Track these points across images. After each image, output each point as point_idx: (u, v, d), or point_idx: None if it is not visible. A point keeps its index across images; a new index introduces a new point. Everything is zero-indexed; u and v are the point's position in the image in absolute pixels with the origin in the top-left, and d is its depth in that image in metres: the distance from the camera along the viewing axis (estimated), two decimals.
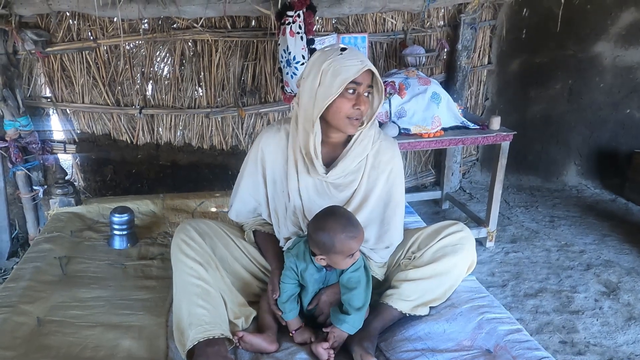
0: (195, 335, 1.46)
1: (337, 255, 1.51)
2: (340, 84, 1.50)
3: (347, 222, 1.51)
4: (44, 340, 1.45)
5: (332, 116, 1.58)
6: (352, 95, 1.55)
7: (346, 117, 1.56)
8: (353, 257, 1.54)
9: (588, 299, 2.64)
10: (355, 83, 1.53)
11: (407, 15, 3.41)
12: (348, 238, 1.49)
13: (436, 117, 2.89)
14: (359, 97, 1.55)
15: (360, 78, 1.53)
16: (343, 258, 1.52)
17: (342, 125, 1.59)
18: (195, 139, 3.33)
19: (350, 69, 1.50)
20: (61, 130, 3.17)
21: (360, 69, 1.50)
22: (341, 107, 1.55)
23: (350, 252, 1.51)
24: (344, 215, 1.54)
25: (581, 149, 3.97)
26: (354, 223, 1.52)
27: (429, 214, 3.69)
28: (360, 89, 1.55)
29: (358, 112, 1.56)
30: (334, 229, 1.49)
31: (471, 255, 1.74)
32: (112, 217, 2.08)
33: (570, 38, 3.69)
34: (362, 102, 1.55)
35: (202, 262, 1.60)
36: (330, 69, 1.52)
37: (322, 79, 1.53)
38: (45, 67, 2.98)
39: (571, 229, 3.42)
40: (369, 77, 1.56)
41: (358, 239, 1.51)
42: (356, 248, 1.52)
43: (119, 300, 1.71)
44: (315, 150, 1.62)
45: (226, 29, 3.07)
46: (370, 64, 1.54)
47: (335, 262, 1.54)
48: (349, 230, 1.49)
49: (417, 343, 1.54)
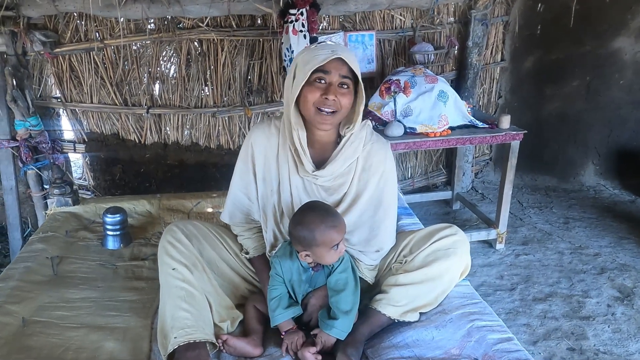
0: (177, 339, 1.44)
1: (320, 247, 1.49)
2: (307, 71, 1.47)
3: (325, 213, 1.50)
4: (27, 341, 1.45)
5: (303, 107, 1.55)
6: (321, 84, 1.51)
7: (315, 107, 1.52)
8: (338, 250, 1.51)
9: (600, 305, 2.54)
10: (323, 72, 1.49)
11: (415, 12, 3.34)
12: (328, 228, 1.47)
13: (443, 115, 2.83)
14: (329, 87, 1.50)
15: (330, 67, 1.49)
16: (327, 250, 1.49)
17: (312, 116, 1.54)
18: (203, 139, 3.34)
19: (318, 57, 1.47)
20: (71, 130, 3.22)
21: (327, 57, 1.46)
22: (308, 96, 1.51)
23: (333, 243, 1.48)
24: (321, 207, 1.53)
25: (599, 148, 3.83)
26: (333, 213, 1.51)
27: (439, 214, 3.61)
28: (332, 79, 1.50)
29: (326, 102, 1.50)
30: (313, 221, 1.47)
31: (465, 260, 1.67)
32: (105, 217, 2.09)
33: (588, 33, 3.56)
34: (331, 91, 1.49)
35: (187, 264, 1.59)
36: (302, 59, 1.52)
37: (296, 71, 1.53)
38: (54, 67, 3.02)
39: (586, 231, 3.30)
40: (342, 68, 1.50)
41: (338, 228, 1.48)
42: (338, 238, 1.49)
43: (106, 301, 1.71)
44: (301, 144, 1.58)
45: (232, 28, 3.06)
46: (343, 54, 1.48)
47: (320, 256, 1.51)
48: (328, 220, 1.47)
49: (404, 350, 1.49)
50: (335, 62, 1.49)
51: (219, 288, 1.67)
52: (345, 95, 1.53)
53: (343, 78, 1.51)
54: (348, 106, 1.55)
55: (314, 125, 1.58)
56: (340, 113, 1.54)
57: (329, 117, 1.53)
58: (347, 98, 1.53)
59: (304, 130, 1.60)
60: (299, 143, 1.59)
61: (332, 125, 1.57)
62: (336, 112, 1.53)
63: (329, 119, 1.53)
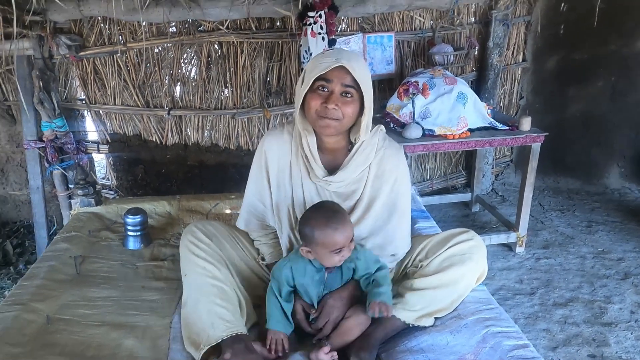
0: (219, 333, 1.48)
1: (319, 247, 1.49)
2: (310, 79, 1.48)
3: (331, 215, 1.49)
4: (51, 338, 1.50)
5: (307, 113, 1.56)
6: (323, 92, 1.51)
7: (317, 114, 1.53)
8: (340, 255, 1.50)
9: (623, 311, 2.49)
10: (325, 80, 1.49)
11: (435, 13, 3.32)
12: (330, 230, 1.46)
13: (462, 117, 2.80)
14: (331, 95, 1.50)
15: (332, 75, 1.48)
16: (326, 252, 1.49)
17: (314, 123, 1.56)
18: (222, 140, 3.38)
19: (322, 65, 1.48)
20: (94, 131, 3.29)
21: (329, 66, 1.46)
22: (311, 103, 1.52)
23: (334, 247, 1.48)
24: (331, 208, 1.53)
25: (625, 151, 3.74)
26: (339, 216, 1.50)
27: (457, 217, 3.59)
28: (334, 87, 1.50)
29: (327, 111, 1.50)
30: (317, 220, 1.49)
31: (481, 265, 1.66)
32: (126, 218, 2.14)
33: (613, 33, 3.48)
34: (331, 100, 1.49)
35: (213, 261, 1.63)
36: (309, 65, 1.53)
37: (304, 77, 1.54)
38: (79, 70, 3.10)
39: (610, 234, 3.24)
40: (345, 77, 1.49)
41: (340, 232, 1.47)
42: (340, 243, 1.47)
43: (127, 301, 1.75)
44: (310, 150, 1.60)
45: (251, 30, 3.09)
46: (347, 62, 1.47)
47: (320, 257, 1.52)
48: (332, 222, 1.47)
49: (419, 355, 1.49)
50: (338, 71, 1.48)
51: (241, 285, 1.70)
52: (348, 105, 1.52)
53: (346, 87, 1.50)
54: (351, 115, 1.54)
55: (315, 129, 1.59)
56: (343, 122, 1.54)
57: (332, 124, 1.53)
58: (350, 107, 1.52)
59: (313, 136, 1.61)
60: (308, 148, 1.61)
61: (335, 132, 1.57)
62: (338, 121, 1.53)
63: (332, 126, 1.53)
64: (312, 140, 1.61)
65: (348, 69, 1.48)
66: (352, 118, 1.56)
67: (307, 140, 1.60)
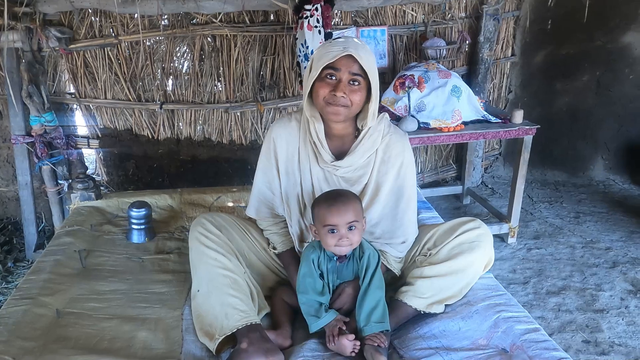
0: (234, 323, 1.48)
1: (317, 224, 1.55)
2: (319, 68, 1.50)
3: (334, 194, 1.57)
4: (63, 331, 1.48)
5: (315, 100, 1.59)
6: (331, 81, 1.53)
7: (325, 102, 1.54)
8: (337, 238, 1.51)
9: (613, 298, 2.56)
10: (333, 68, 1.51)
11: (427, 7, 3.35)
12: (326, 204, 1.52)
13: (456, 110, 2.84)
14: (339, 84, 1.52)
15: (339, 64, 1.50)
16: (323, 230, 1.52)
17: (323, 110, 1.58)
18: (215, 134, 3.35)
19: (330, 54, 1.50)
20: (85, 126, 3.23)
21: (337, 54, 1.48)
22: (319, 91, 1.54)
23: (325, 222, 1.51)
24: (339, 191, 1.60)
25: (609, 143, 3.85)
26: (340, 197, 1.54)
27: (449, 209, 3.64)
28: (342, 76, 1.52)
29: (335, 98, 1.52)
30: (320, 198, 1.57)
31: (489, 253, 1.70)
32: (130, 211, 2.11)
33: (599, 28, 3.58)
34: (339, 88, 1.51)
35: (224, 252, 1.64)
36: (317, 54, 1.55)
37: (312, 66, 1.56)
38: (69, 63, 3.04)
39: (597, 225, 3.33)
40: (353, 65, 1.51)
41: (335, 209, 1.50)
42: (334, 222, 1.50)
43: (136, 294, 1.74)
44: (318, 136, 1.62)
45: (245, 23, 3.08)
46: (355, 51, 1.49)
47: (321, 237, 1.55)
48: (331, 200, 1.53)
49: (432, 341, 1.51)
50: (345, 59, 1.50)
51: (251, 276, 1.70)
52: (356, 92, 1.54)
53: (353, 75, 1.52)
54: (359, 102, 1.56)
55: (323, 116, 1.62)
56: (351, 109, 1.56)
57: (340, 111, 1.54)
58: (357, 95, 1.54)
59: (321, 122, 1.64)
60: (316, 135, 1.63)
61: (343, 119, 1.59)
62: (346, 108, 1.55)
63: (340, 112, 1.55)
64: (319, 126, 1.63)
65: (355, 58, 1.50)
66: (359, 105, 1.58)
67: (315, 127, 1.62)
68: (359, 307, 1.55)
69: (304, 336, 1.60)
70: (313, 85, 1.56)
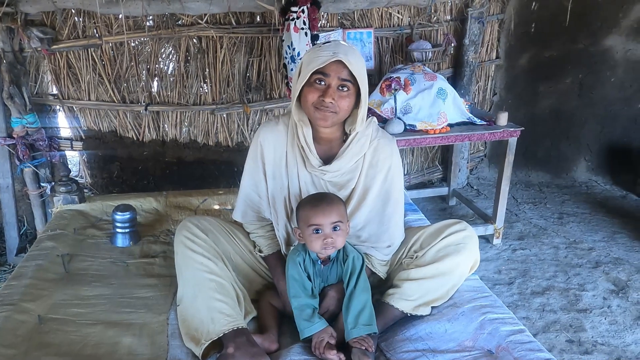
0: (220, 327, 1.47)
1: (301, 224, 1.55)
2: (308, 72, 1.49)
3: (318, 196, 1.57)
4: (45, 338, 1.45)
5: (303, 105, 1.58)
6: (320, 86, 1.52)
7: (313, 107, 1.54)
8: (321, 239, 1.51)
9: (596, 297, 2.60)
10: (323, 74, 1.50)
11: (413, 10, 3.37)
12: (310, 205, 1.53)
13: (442, 113, 2.86)
14: (328, 89, 1.51)
15: (330, 69, 1.49)
16: (307, 230, 1.52)
17: (311, 115, 1.57)
18: (201, 136, 3.33)
19: (319, 59, 1.48)
20: (68, 128, 3.19)
21: (326, 60, 1.47)
22: (308, 97, 1.54)
23: (309, 221, 1.51)
24: (324, 194, 1.60)
25: (592, 145, 3.91)
26: (325, 198, 1.55)
27: (435, 210, 3.66)
28: (330, 81, 1.51)
29: (323, 104, 1.51)
30: (304, 200, 1.58)
31: (474, 255, 1.72)
32: (115, 215, 2.08)
33: (581, 31, 3.63)
34: (328, 94, 1.50)
35: (210, 256, 1.62)
36: (306, 58, 1.54)
37: (301, 70, 1.55)
38: (52, 64, 2.99)
39: (580, 225, 3.38)
40: (342, 71, 1.50)
41: (320, 209, 1.50)
42: (319, 221, 1.50)
43: (120, 298, 1.71)
44: (306, 140, 1.61)
45: (231, 25, 3.06)
46: (344, 56, 1.48)
47: (305, 238, 1.55)
48: (316, 201, 1.54)
49: (418, 343, 1.52)
50: (335, 65, 1.49)
51: (237, 280, 1.69)
52: (344, 98, 1.53)
53: (342, 81, 1.51)
54: (347, 108, 1.56)
55: (312, 121, 1.61)
56: (339, 115, 1.55)
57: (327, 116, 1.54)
58: (346, 101, 1.54)
59: (309, 126, 1.63)
60: (304, 139, 1.62)
61: (331, 124, 1.58)
62: (334, 113, 1.54)
63: (328, 118, 1.54)
64: (307, 130, 1.62)
65: (345, 63, 1.49)
66: (347, 110, 1.58)
67: (303, 131, 1.62)
68: (345, 310, 1.55)
69: (291, 340, 1.59)
70: (302, 90, 1.55)
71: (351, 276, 1.58)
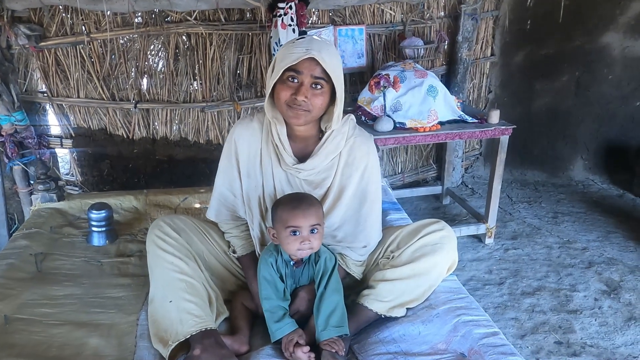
0: (188, 329, 1.45)
1: (278, 225, 1.50)
2: (280, 69, 1.46)
3: (297, 197, 1.53)
4: (9, 338, 1.44)
5: (277, 102, 1.54)
6: (293, 84, 1.48)
7: (286, 105, 1.50)
8: (299, 241, 1.48)
9: (587, 298, 2.56)
10: (295, 71, 1.46)
11: (406, 7, 3.33)
12: (289, 207, 1.49)
13: (433, 110, 2.82)
14: (301, 87, 1.47)
15: (302, 66, 1.45)
16: (284, 232, 1.48)
17: (284, 112, 1.54)
18: (191, 134, 3.31)
19: (292, 55, 1.44)
20: (57, 125, 3.18)
21: (299, 57, 1.43)
22: (280, 94, 1.50)
23: (287, 223, 1.47)
24: (301, 194, 1.57)
25: (588, 143, 3.85)
26: (304, 200, 1.51)
27: (428, 209, 3.62)
28: (304, 79, 1.47)
29: (296, 102, 1.47)
30: (283, 199, 1.53)
31: (452, 255, 1.67)
32: (90, 213, 2.06)
33: (578, 29, 3.57)
34: (301, 92, 1.46)
35: (181, 256, 1.60)
36: (279, 54, 1.50)
37: (274, 66, 1.51)
38: (40, 61, 2.98)
39: (575, 225, 3.32)
40: (315, 68, 1.46)
41: (299, 211, 1.47)
42: (298, 223, 1.46)
43: (91, 298, 1.69)
44: (280, 138, 1.58)
45: (220, 22, 3.03)
46: (317, 54, 1.43)
47: (281, 240, 1.51)
48: (294, 201, 1.50)
49: (391, 345, 1.49)
50: (308, 62, 1.45)
51: (210, 280, 1.67)
52: (318, 96, 1.49)
53: (316, 79, 1.47)
54: (320, 106, 1.52)
55: (285, 118, 1.57)
56: (313, 113, 1.52)
57: (300, 114, 1.50)
58: (319, 99, 1.50)
59: (283, 124, 1.59)
60: (278, 137, 1.59)
61: (304, 122, 1.54)
62: (307, 112, 1.50)
63: (301, 116, 1.51)
64: (281, 128, 1.59)
65: (318, 60, 1.45)
66: (321, 109, 1.54)
67: (277, 129, 1.59)
68: (316, 312, 1.52)
69: (262, 342, 1.57)
70: (274, 87, 1.52)
71: (322, 277, 1.55)
